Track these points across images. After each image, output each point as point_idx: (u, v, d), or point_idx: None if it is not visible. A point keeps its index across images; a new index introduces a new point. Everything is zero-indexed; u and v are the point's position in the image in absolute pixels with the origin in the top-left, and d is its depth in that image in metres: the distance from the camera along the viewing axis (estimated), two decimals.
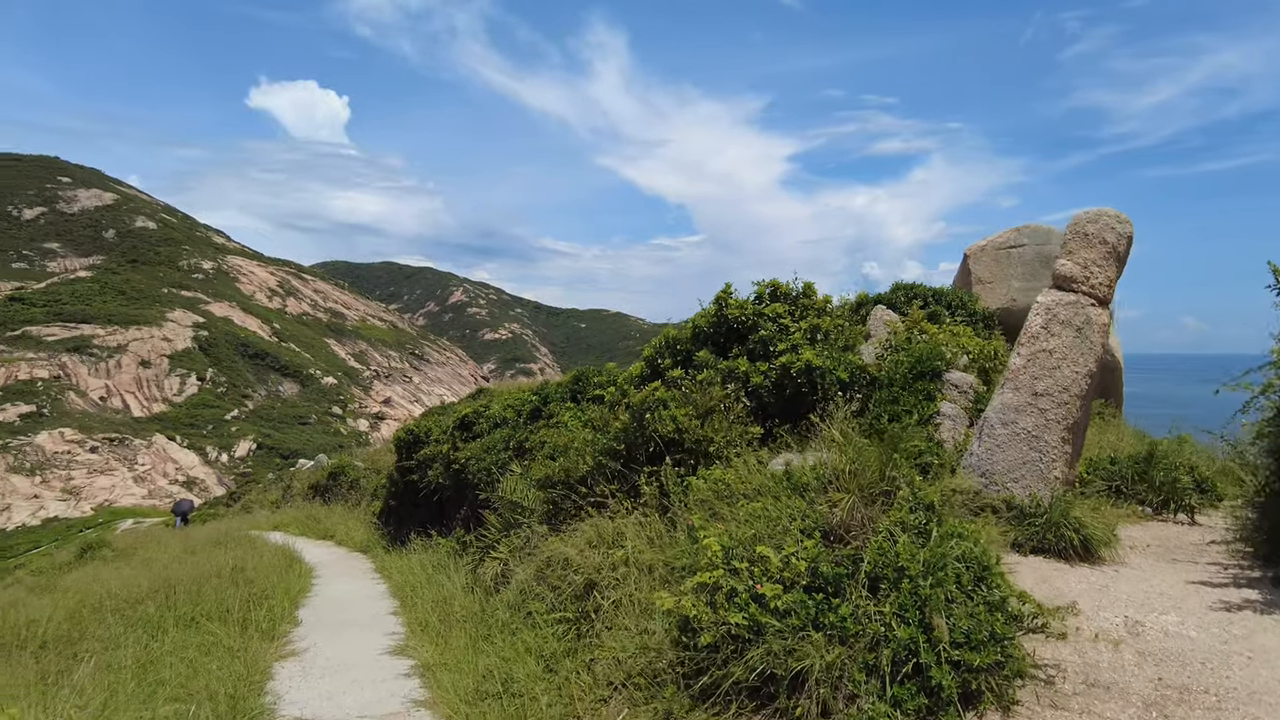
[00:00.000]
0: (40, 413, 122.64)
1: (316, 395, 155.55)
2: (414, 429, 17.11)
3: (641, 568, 6.15)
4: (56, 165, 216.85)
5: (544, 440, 10.76)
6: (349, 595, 12.54)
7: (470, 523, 12.53)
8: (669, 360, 9.35)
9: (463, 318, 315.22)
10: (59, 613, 10.39)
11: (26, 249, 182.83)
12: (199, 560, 15.25)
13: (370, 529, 19.61)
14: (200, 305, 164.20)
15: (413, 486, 16.61)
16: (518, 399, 13.83)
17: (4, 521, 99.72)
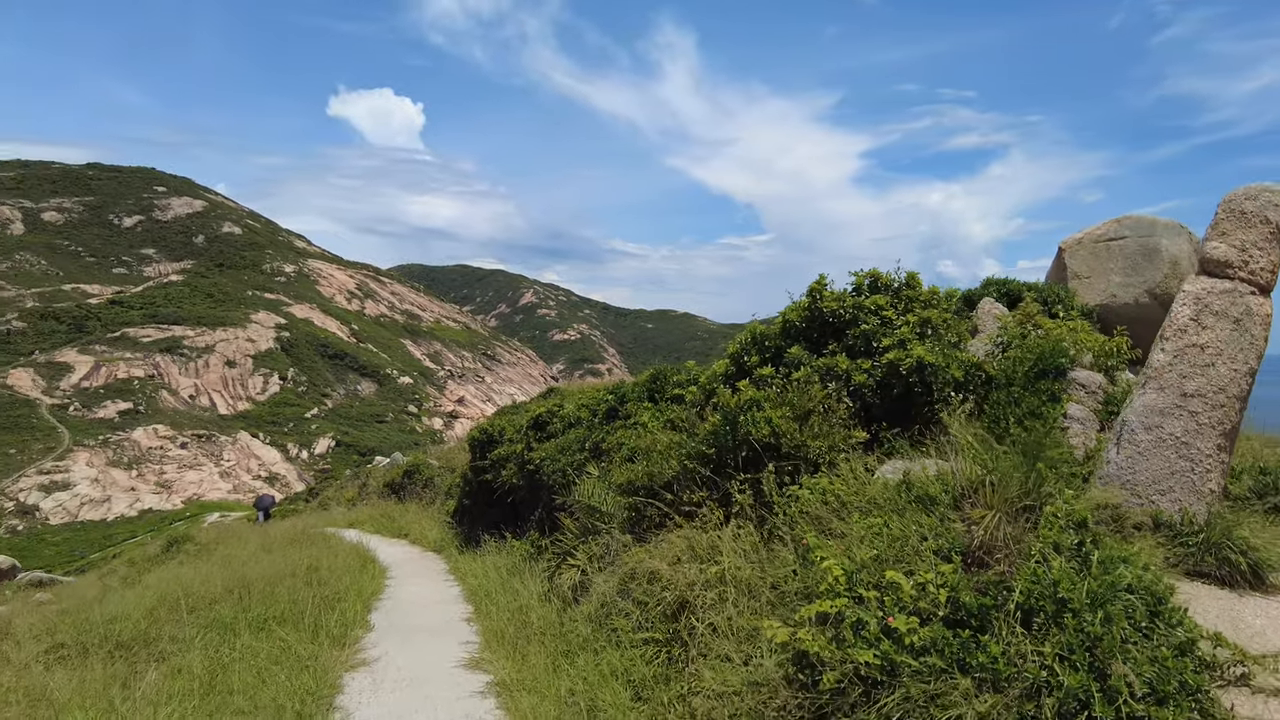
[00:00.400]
0: (136, 410, 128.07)
1: (393, 394, 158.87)
2: (487, 428, 16.73)
3: (740, 587, 5.46)
4: (152, 175, 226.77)
5: (621, 442, 10.16)
6: (422, 598, 12.17)
7: (545, 526, 12.03)
8: (756, 357, 8.64)
9: (533, 319, 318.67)
10: (137, 610, 10.22)
11: (126, 255, 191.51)
12: (275, 559, 15.12)
13: (444, 528, 19.36)
14: (283, 307, 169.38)
15: (486, 486, 16.25)
16: (592, 398, 13.29)
17: (105, 512, 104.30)
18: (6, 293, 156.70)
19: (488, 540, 14.80)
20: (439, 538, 18.40)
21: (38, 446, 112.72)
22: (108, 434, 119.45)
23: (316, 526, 23.33)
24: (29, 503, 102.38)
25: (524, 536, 13.31)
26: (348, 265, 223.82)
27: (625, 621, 6.22)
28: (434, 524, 20.15)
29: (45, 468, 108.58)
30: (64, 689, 6.90)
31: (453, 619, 10.24)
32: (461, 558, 15.35)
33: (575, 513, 9.56)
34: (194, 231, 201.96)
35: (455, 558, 15.81)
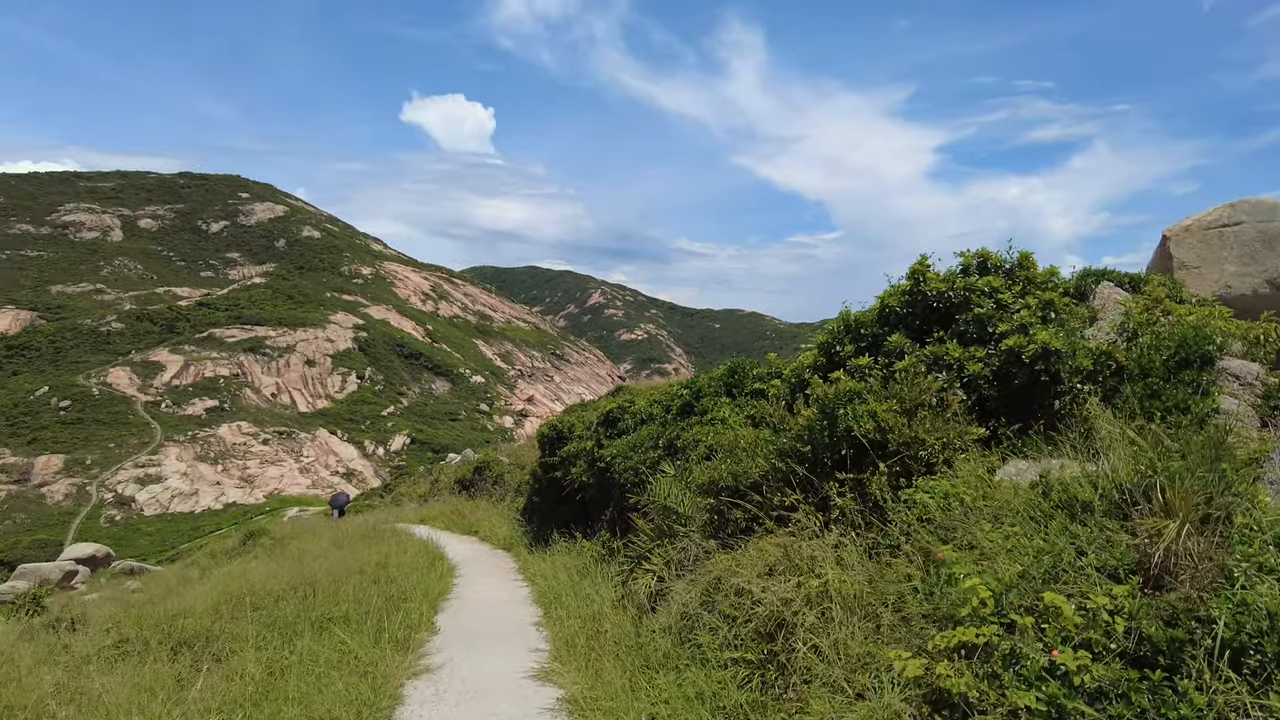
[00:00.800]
0: (222, 407, 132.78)
1: (465, 393, 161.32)
2: (557, 424, 16.21)
3: (847, 604, 4.70)
4: (237, 182, 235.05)
5: (698, 439, 9.45)
6: (490, 599, 11.67)
7: (616, 526, 11.40)
8: (850, 347, 7.82)
9: (600, 319, 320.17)
10: (202, 605, 9.96)
11: (213, 259, 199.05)
12: (344, 555, 14.88)
13: (513, 525, 18.94)
14: (360, 308, 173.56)
15: (556, 484, 15.73)
16: (665, 394, 12.61)
17: (193, 505, 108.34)
18: (107, 296, 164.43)
19: (557, 539, 14.28)
20: (508, 535, 17.98)
21: (133, 441, 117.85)
22: (196, 430, 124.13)
23: (388, 522, 23.24)
24: (126, 494, 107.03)
25: (594, 537, 12.71)
26: (422, 267, 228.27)
27: (711, 638, 5.50)
28: (503, 521, 19.76)
29: (140, 461, 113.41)
30: (118, 690, 6.53)
31: (521, 623, 9.68)
32: (531, 557, 14.86)
33: (650, 514, 8.89)
34: (276, 235, 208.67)
35: (524, 556, 15.33)
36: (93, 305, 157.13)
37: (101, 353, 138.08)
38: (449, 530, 21.12)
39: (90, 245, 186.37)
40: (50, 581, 32.34)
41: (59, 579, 32.57)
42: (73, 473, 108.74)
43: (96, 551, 39.52)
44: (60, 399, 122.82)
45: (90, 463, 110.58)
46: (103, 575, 34.98)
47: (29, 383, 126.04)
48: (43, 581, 32.40)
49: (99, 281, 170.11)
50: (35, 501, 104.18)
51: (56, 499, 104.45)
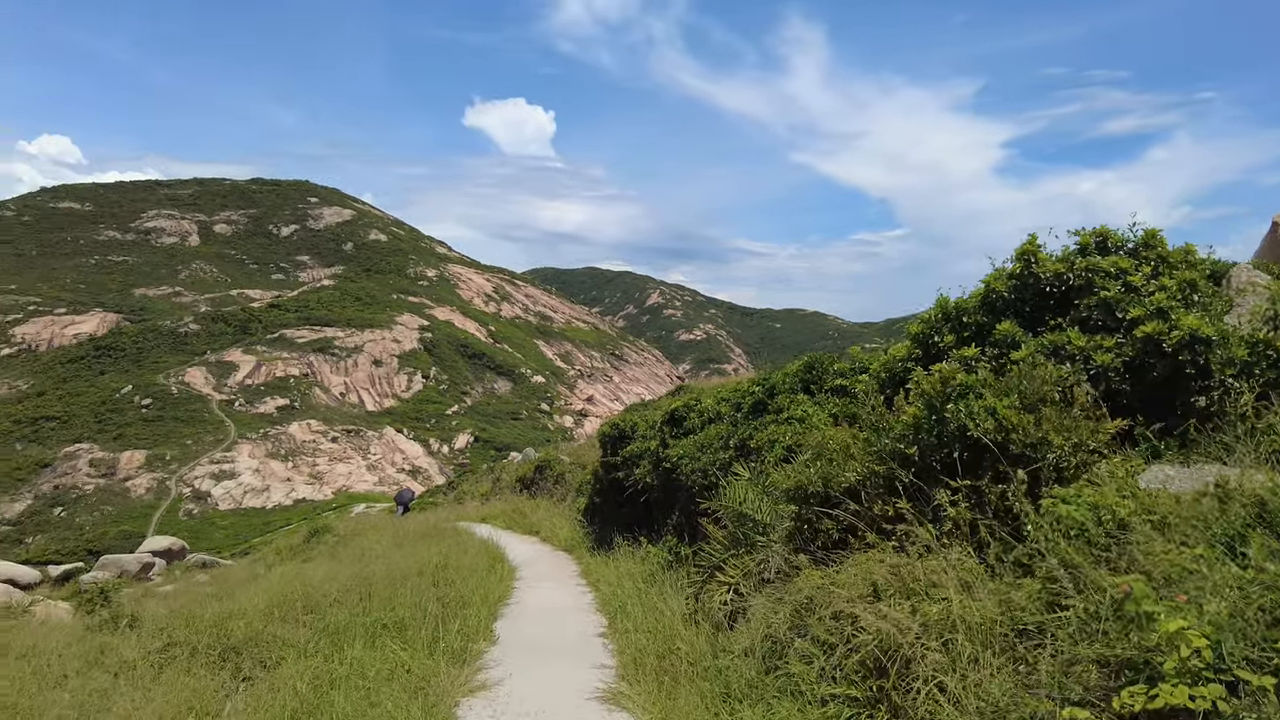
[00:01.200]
0: (292, 406, 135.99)
1: (526, 393, 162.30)
2: (619, 423, 15.58)
3: (976, 636, 3.92)
4: (306, 187, 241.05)
5: (774, 439, 8.69)
6: (551, 605, 11.09)
7: (684, 531, 10.70)
8: (951, 337, 6.97)
9: (659, 319, 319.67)
10: (255, 607, 9.59)
11: (283, 262, 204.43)
12: (404, 554, 14.52)
13: (575, 526, 18.41)
14: (425, 309, 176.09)
15: (618, 484, 15.10)
16: (734, 391, 11.86)
17: (265, 500, 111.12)
18: (184, 298, 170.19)
19: (620, 542, 13.66)
20: (569, 536, 17.44)
21: (209, 438, 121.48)
22: (267, 428, 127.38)
23: (450, 521, 22.98)
24: (202, 489, 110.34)
25: (660, 541, 12.04)
26: (485, 269, 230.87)
27: (806, 668, 4.75)
28: (565, 521, 19.24)
29: (215, 458, 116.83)
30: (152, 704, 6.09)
31: (585, 633, 9.05)
32: (593, 560, 14.27)
33: (722, 520, 8.17)
34: (344, 239, 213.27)
35: (586, 559, 14.76)
36: (172, 307, 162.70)
37: (180, 353, 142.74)
38: (510, 530, 20.71)
39: (169, 250, 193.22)
40: (129, 572, 33.11)
41: (137, 570, 33.32)
42: (154, 468, 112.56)
43: (172, 545, 40.47)
44: (142, 397, 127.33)
45: (169, 458, 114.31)
46: (177, 568, 35.72)
47: (115, 381, 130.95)
48: (122, 572, 33.20)
49: (177, 285, 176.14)
50: (120, 494, 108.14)
51: (139, 493, 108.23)
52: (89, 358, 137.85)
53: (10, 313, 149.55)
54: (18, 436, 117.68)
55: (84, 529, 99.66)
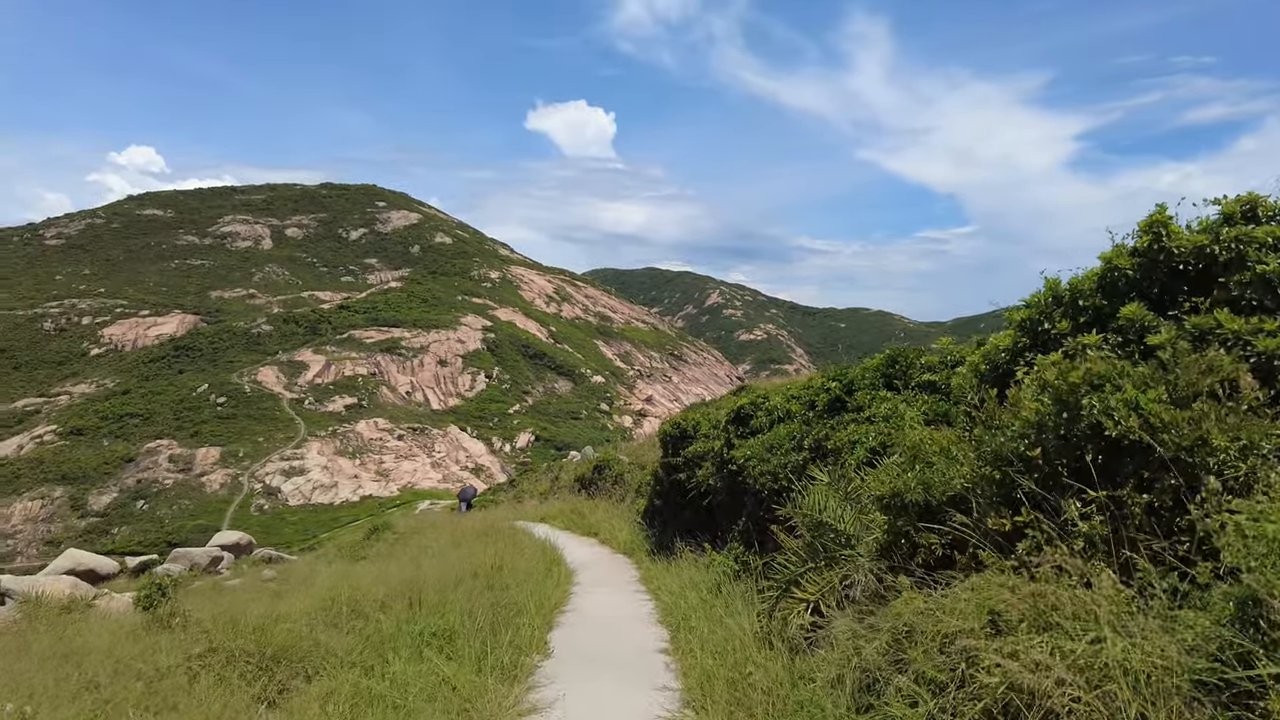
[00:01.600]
0: (360, 404, 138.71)
1: (586, 393, 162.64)
2: (680, 422, 14.82)
3: (1138, 684, 3.08)
4: (374, 192, 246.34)
5: (855, 439, 7.84)
6: (610, 613, 10.41)
7: (752, 538, 9.90)
8: (1066, 322, 6.04)
9: (719, 319, 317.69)
10: (301, 611, 9.14)
11: (352, 264, 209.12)
12: (461, 555, 14.06)
13: (634, 528, 17.74)
14: (488, 310, 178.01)
15: (679, 486, 14.37)
16: (805, 388, 11.01)
17: (333, 497, 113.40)
18: (258, 300, 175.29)
19: (681, 547, 12.92)
20: (628, 539, 16.77)
21: (280, 436, 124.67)
22: (336, 426, 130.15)
23: (509, 519, 22.58)
24: (273, 485, 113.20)
25: (724, 548, 11.25)
26: (546, 271, 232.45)
27: (910, 711, 3.95)
28: (624, 523, 18.59)
29: (286, 455, 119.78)
30: None
31: (645, 648, 8.34)
32: (653, 565, 13.57)
33: (797, 528, 7.36)
34: (410, 242, 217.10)
35: (646, 564, 14.06)
36: (246, 309, 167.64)
37: (253, 353, 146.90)
38: (568, 530, 20.16)
39: (244, 254, 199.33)
40: (199, 565, 33.71)
41: (206, 564, 33.91)
42: (228, 464, 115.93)
43: (240, 539, 41.20)
44: (218, 395, 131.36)
45: (242, 455, 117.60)
46: (244, 562, 36.28)
47: (192, 380, 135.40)
48: (193, 565, 33.82)
49: (251, 287, 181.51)
50: (197, 489, 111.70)
51: (214, 488, 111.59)
52: (169, 357, 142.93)
53: (100, 315, 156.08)
54: (105, 432, 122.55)
55: (163, 522, 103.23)
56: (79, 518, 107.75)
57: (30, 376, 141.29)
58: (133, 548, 76.16)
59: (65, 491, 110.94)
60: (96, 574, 36.78)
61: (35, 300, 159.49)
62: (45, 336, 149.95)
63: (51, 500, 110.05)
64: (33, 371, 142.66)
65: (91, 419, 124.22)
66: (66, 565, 35.66)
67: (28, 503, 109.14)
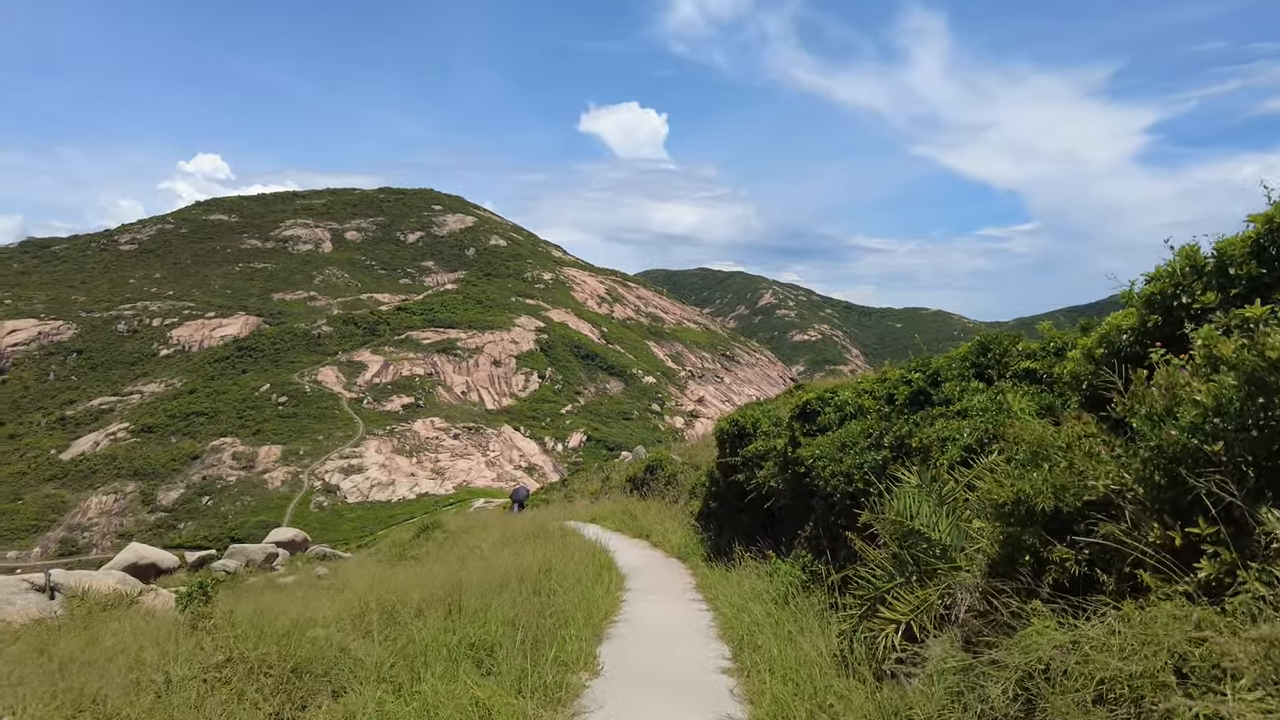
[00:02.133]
0: (417, 404, 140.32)
1: (638, 393, 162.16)
2: (738, 419, 13.88)
3: None
4: (430, 196, 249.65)
5: (947, 436, 6.86)
6: (664, 625, 9.56)
7: (822, 546, 8.96)
8: (1212, 295, 5.02)
9: (771, 320, 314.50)
10: (331, 614, 8.50)
11: (409, 267, 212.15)
12: (508, 556, 13.37)
13: (688, 531, 16.86)
14: (541, 312, 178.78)
15: (737, 488, 13.46)
16: (878, 382, 10.02)
17: (390, 494, 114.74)
18: (318, 302, 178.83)
19: (739, 552, 12.02)
20: (682, 543, 15.90)
21: (339, 434, 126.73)
22: (393, 424, 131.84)
23: (559, 519, 21.91)
24: (332, 483, 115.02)
25: (789, 555, 10.32)
26: (598, 272, 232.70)
27: None
28: (677, 525, 17.73)
29: (344, 453, 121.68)
30: None
31: (705, 666, 7.47)
32: (709, 571, 12.69)
33: (880, 537, 6.42)
34: (465, 244, 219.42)
35: (702, 570, 13.18)
36: (307, 311, 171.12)
37: (313, 353, 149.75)
38: (619, 532, 19.37)
39: (305, 257, 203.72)
40: (254, 562, 33.86)
41: (261, 560, 34.05)
42: (288, 461, 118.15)
43: (296, 536, 41.42)
44: (279, 395, 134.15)
45: (303, 453, 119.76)
46: (299, 559, 36.40)
47: (254, 380, 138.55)
48: (248, 561, 34.00)
49: (312, 289, 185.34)
50: (259, 486, 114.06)
51: (275, 485, 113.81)
52: (233, 358, 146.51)
53: (169, 317, 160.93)
54: (173, 430, 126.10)
55: (226, 518, 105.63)
56: (149, 512, 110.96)
57: (105, 376, 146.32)
58: (197, 542, 77.92)
59: (136, 486, 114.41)
60: (158, 568, 37.20)
61: (110, 303, 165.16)
62: (119, 338, 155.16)
63: (124, 495, 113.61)
64: (108, 371, 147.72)
65: (160, 417, 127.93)
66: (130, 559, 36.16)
67: (102, 497, 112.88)
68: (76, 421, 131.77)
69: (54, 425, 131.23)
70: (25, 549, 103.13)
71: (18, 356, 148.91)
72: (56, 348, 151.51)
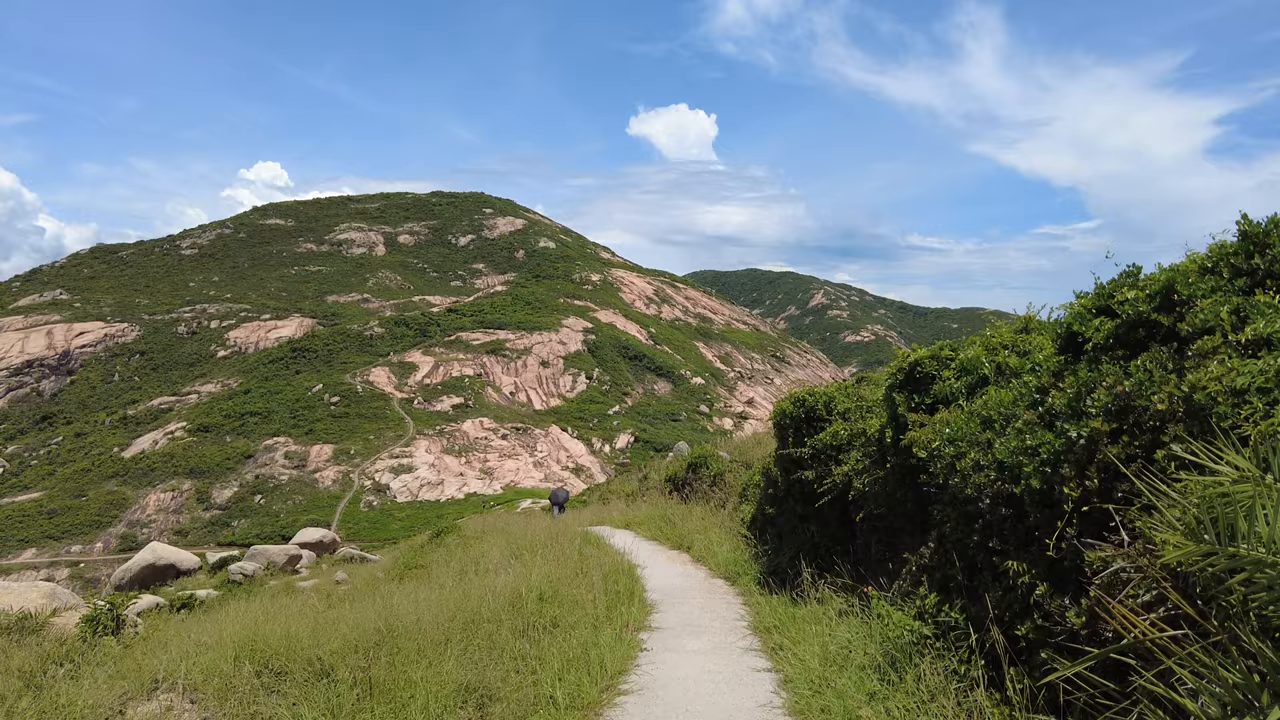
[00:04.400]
0: (466, 404, 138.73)
1: (686, 394, 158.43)
2: (805, 398, 10.36)
3: None
4: (481, 199, 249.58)
5: (1259, 384, 3.35)
6: (699, 703, 6.17)
7: (953, 580, 5.49)
8: None
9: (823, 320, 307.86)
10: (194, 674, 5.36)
11: (461, 270, 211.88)
12: (510, 574, 10.19)
13: (737, 543, 13.44)
14: (589, 313, 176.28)
15: (803, 489, 10.01)
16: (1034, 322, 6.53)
17: (439, 494, 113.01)
18: (371, 304, 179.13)
19: (808, 576, 8.58)
20: (730, 558, 12.48)
21: (390, 434, 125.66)
22: (443, 425, 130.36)
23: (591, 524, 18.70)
24: (382, 482, 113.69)
25: (890, 588, 6.83)
26: (646, 273, 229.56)
27: None
28: (724, 536, 14.30)
29: (395, 453, 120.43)
30: None
31: None
32: (767, 601, 9.25)
33: (1132, 583, 2.94)
34: (515, 247, 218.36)
35: (756, 598, 9.74)
36: (360, 313, 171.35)
37: (365, 354, 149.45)
38: (654, 540, 16.02)
39: (358, 260, 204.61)
40: (276, 564, 31.34)
41: (284, 562, 31.54)
42: (340, 461, 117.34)
43: (324, 537, 38.92)
44: (331, 395, 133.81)
45: (354, 452, 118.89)
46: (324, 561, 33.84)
47: (307, 380, 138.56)
48: (269, 563, 31.49)
49: (365, 292, 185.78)
50: (310, 485, 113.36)
51: (326, 484, 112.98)
52: (287, 359, 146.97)
53: (226, 319, 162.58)
54: (228, 430, 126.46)
55: (279, 516, 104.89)
56: (203, 510, 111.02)
57: (166, 377, 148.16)
58: (250, 540, 76.77)
59: (192, 484, 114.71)
60: (177, 569, 34.61)
61: (171, 306, 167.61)
62: (179, 340, 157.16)
63: (181, 492, 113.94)
64: (168, 372, 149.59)
65: (216, 417, 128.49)
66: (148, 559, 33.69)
67: (160, 494, 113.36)
68: (137, 420, 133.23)
69: (116, 424, 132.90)
70: (89, 543, 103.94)
71: (85, 358, 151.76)
72: (121, 349, 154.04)
